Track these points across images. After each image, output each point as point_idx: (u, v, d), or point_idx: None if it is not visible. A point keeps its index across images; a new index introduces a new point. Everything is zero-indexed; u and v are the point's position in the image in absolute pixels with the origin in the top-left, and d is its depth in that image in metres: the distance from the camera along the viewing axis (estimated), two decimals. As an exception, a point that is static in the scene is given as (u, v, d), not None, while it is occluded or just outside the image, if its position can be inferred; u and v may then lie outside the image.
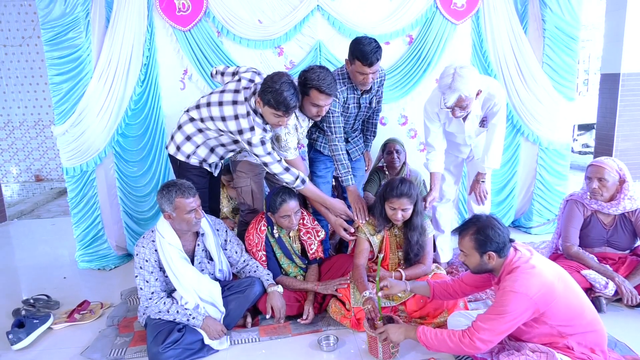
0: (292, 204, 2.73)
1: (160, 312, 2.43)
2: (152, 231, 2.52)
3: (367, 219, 2.77)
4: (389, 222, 2.70)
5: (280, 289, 2.71)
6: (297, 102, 2.57)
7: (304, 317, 2.70)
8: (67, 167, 3.48)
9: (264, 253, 2.83)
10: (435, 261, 2.97)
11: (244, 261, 2.77)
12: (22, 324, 2.65)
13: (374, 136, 3.36)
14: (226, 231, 2.74)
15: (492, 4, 3.68)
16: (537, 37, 3.78)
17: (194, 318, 2.43)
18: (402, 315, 2.66)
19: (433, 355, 2.29)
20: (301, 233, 2.91)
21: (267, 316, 2.65)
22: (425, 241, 2.72)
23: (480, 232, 2.02)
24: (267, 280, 2.73)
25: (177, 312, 2.43)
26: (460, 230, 2.11)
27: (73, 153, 3.42)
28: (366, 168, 3.45)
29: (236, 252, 2.75)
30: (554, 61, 3.76)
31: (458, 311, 2.48)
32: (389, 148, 3.52)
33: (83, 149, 3.42)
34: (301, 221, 2.91)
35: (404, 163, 3.57)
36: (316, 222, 2.99)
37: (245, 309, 2.66)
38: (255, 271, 2.75)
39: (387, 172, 3.55)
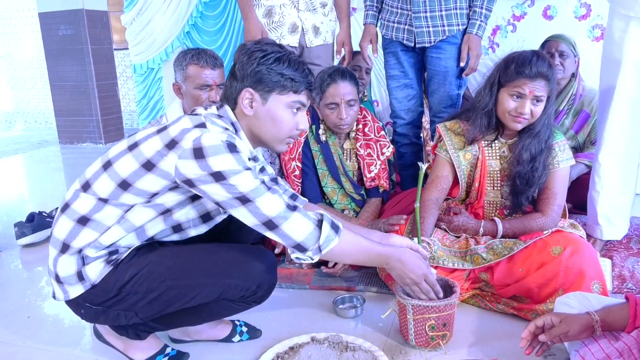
0: (345, 88, 1.76)
1: None
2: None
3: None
4: (495, 126, 1.55)
5: (303, 218, 1.79)
6: None
7: (329, 264, 1.75)
8: (134, 64, 3.13)
9: (299, 165, 1.89)
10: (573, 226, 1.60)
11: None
12: (32, 218, 2.32)
13: (489, 8, 1.91)
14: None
15: None
16: None
17: None
18: (486, 290, 1.51)
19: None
20: (359, 144, 1.89)
21: (277, 250, 1.73)
22: (552, 174, 1.54)
23: None
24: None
25: None
26: None
27: (140, 47, 3.03)
28: (461, 67, 1.95)
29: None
30: None
31: (580, 293, 1.20)
32: (548, 48, 2.19)
33: (149, 41, 3.00)
34: (361, 126, 1.89)
35: (574, 75, 2.20)
36: (383, 133, 1.93)
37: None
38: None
39: None
